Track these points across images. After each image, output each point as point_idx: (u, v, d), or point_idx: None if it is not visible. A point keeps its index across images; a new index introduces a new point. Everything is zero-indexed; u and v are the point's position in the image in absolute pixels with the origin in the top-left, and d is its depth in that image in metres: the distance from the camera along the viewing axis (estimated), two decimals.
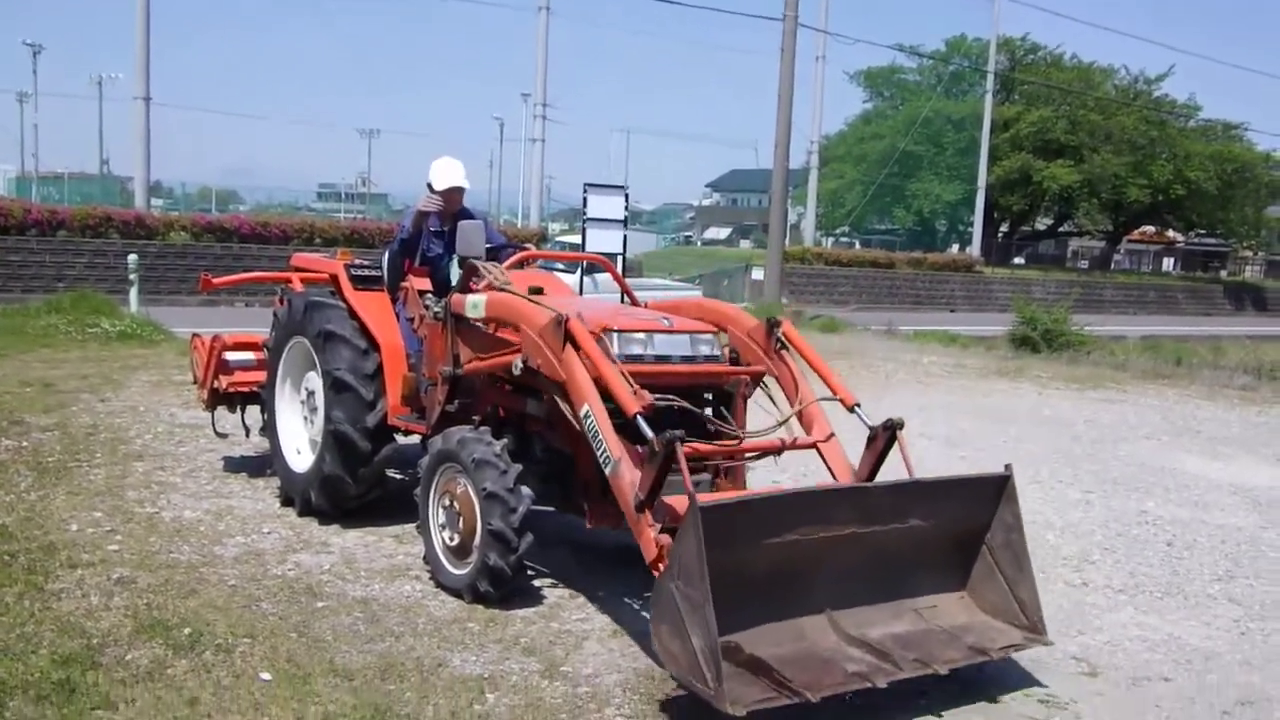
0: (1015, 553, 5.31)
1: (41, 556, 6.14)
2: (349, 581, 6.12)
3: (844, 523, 4.87)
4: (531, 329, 5.71)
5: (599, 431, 5.17)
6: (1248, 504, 9.37)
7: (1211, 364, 21.42)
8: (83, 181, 61.31)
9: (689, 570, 4.30)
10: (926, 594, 5.29)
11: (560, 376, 5.48)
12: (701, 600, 4.22)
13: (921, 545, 5.23)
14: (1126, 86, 58.89)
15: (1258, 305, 59.35)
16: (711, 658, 4.19)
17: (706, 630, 4.21)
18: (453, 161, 7.48)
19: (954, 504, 5.28)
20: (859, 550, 5.00)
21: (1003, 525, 5.36)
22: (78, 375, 12.37)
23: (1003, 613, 5.29)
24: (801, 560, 4.84)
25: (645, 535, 4.89)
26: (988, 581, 5.37)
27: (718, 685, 4.16)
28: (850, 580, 5.03)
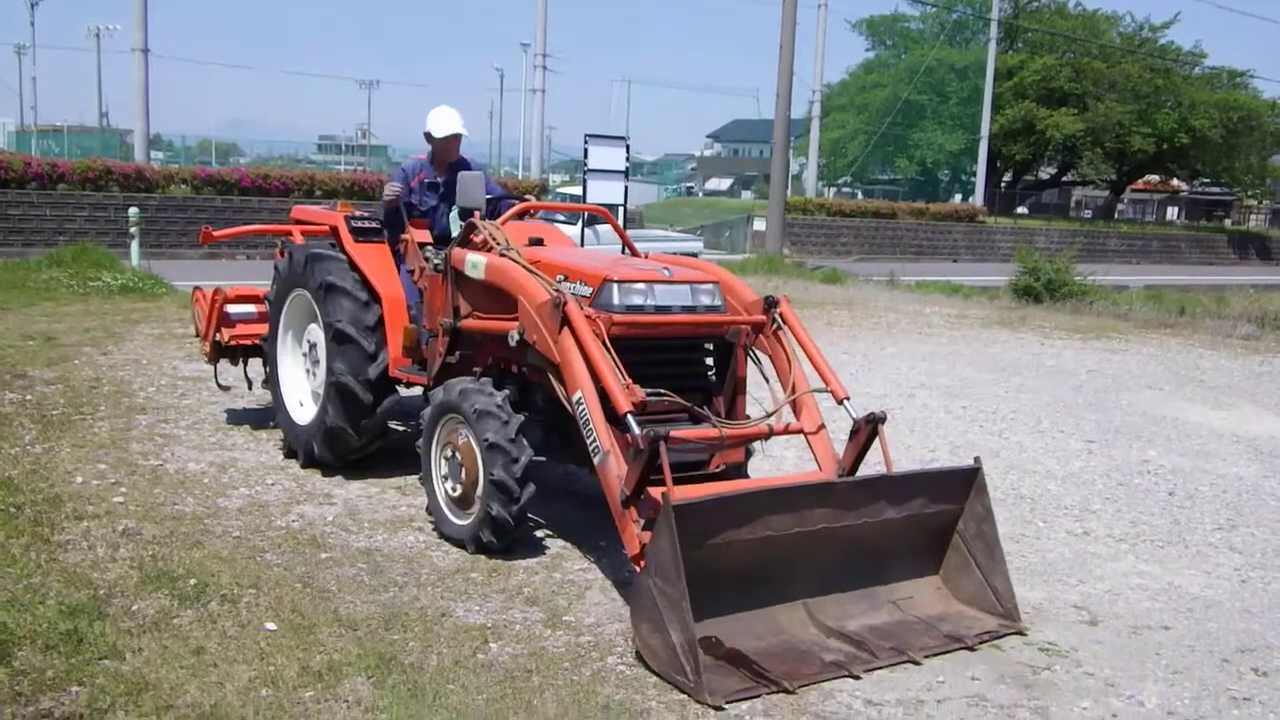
0: (988, 542, 5.36)
1: (47, 509, 6.17)
2: (352, 533, 6.15)
3: (817, 518, 4.94)
4: (529, 305, 5.68)
5: (590, 420, 5.19)
6: (1249, 453, 9.39)
7: (1215, 313, 21.39)
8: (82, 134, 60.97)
9: (665, 567, 4.38)
10: (902, 586, 5.36)
11: (555, 359, 5.48)
12: (678, 596, 4.32)
13: (895, 537, 5.29)
14: (1131, 34, 58.37)
15: (1262, 254, 59.13)
16: (690, 651, 4.30)
17: (684, 625, 4.31)
18: (449, 109, 7.45)
19: (925, 497, 5.32)
20: (834, 544, 5.06)
21: (974, 516, 5.40)
22: (80, 329, 12.38)
23: (978, 601, 5.35)
24: (777, 555, 4.91)
25: (629, 531, 4.94)
26: (962, 572, 5.43)
27: (697, 678, 4.27)
28: (826, 573, 5.10)
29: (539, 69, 34.69)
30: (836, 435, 5.95)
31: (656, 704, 4.31)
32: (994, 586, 5.32)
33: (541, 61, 34.56)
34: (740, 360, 6.16)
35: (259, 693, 4.19)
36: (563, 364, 5.42)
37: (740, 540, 4.71)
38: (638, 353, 5.90)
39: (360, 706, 4.13)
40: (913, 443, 9.01)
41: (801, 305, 17.71)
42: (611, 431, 5.17)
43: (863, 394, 10.93)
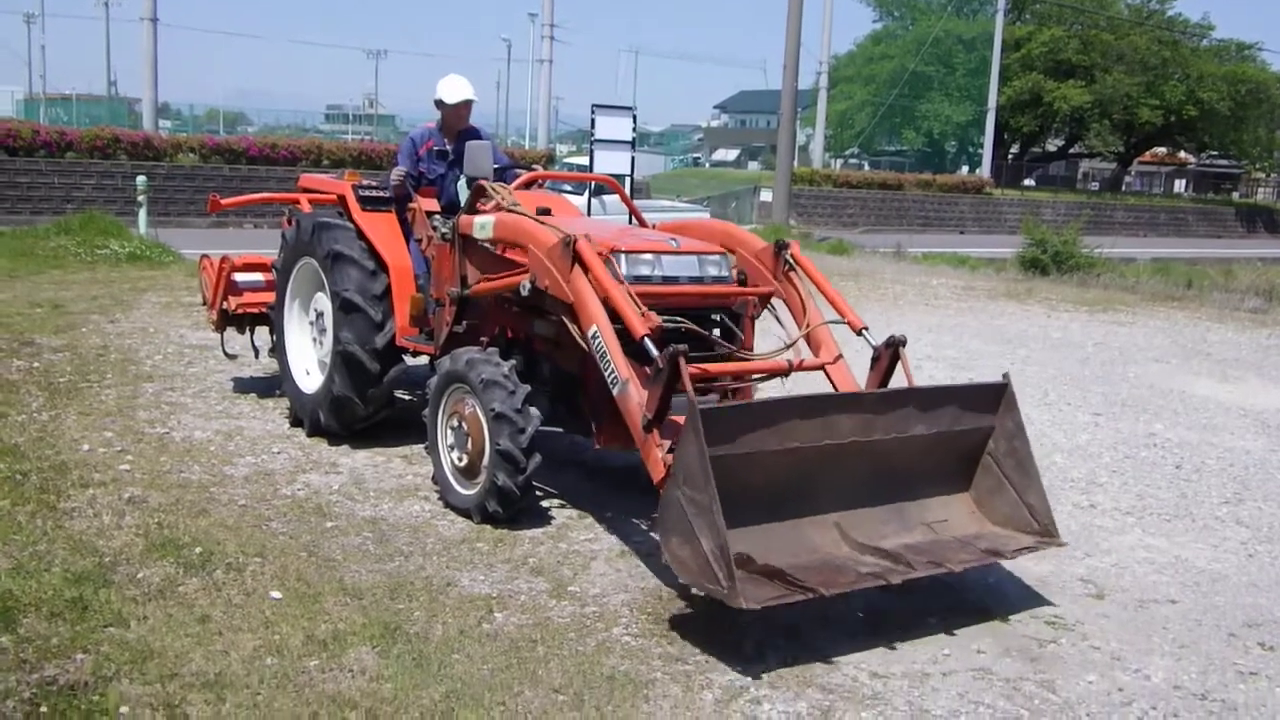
0: (1020, 459, 5.30)
1: (54, 476, 6.18)
2: (358, 501, 6.15)
3: (846, 430, 4.86)
4: (539, 249, 5.67)
5: (607, 352, 5.16)
6: (1257, 427, 9.36)
7: (1222, 286, 21.30)
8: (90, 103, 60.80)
9: (693, 474, 4.31)
10: (936, 509, 5.30)
11: (568, 297, 5.45)
12: (707, 502, 4.24)
13: (926, 457, 5.23)
14: (1139, 6, 57.93)
15: (1269, 227, 58.86)
16: (722, 557, 4.20)
17: (715, 531, 4.22)
18: (460, 77, 7.43)
19: (953, 413, 5.24)
20: (864, 460, 4.99)
21: (1005, 433, 5.34)
22: (87, 296, 12.37)
23: (1013, 521, 5.29)
24: (806, 469, 4.84)
25: (653, 455, 4.89)
26: (996, 492, 5.36)
27: (730, 584, 4.17)
28: (858, 491, 5.03)
29: (546, 39, 34.52)
30: (859, 370, 5.94)
31: (661, 675, 4.31)
32: (1029, 504, 5.26)
33: (549, 32, 34.38)
34: (748, 331, 6.14)
35: (264, 661, 4.20)
36: (576, 301, 5.39)
37: (768, 452, 4.64)
38: None
39: (365, 676, 4.14)
40: None
41: None
42: (630, 363, 5.14)
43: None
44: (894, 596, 5.24)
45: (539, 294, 5.72)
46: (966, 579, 5.51)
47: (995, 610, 5.15)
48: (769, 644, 4.64)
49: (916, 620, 4.98)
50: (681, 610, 4.95)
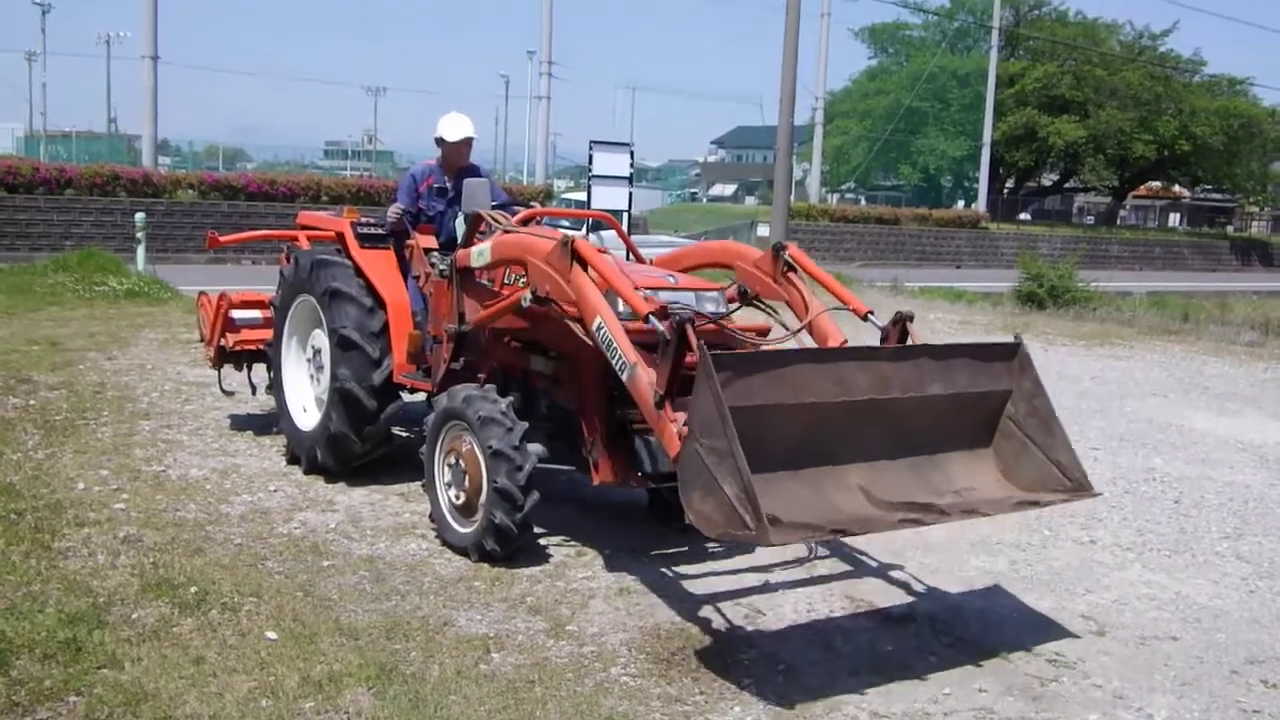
0: (1042, 418, 5.16)
1: (48, 515, 6.15)
2: (354, 540, 6.12)
3: (862, 387, 4.76)
4: (538, 257, 5.66)
5: (613, 340, 5.13)
6: (1255, 461, 9.35)
7: (1218, 320, 21.34)
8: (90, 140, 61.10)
9: (709, 422, 4.23)
10: (961, 477, 5.13)
11: (570, 296, 5.43)
12: (726, 447, 4.14)
13: (947, 421, 5.10)
14: (1131, 42, 58.39)
15: (1264, 260, 59.07)
16: (747, 498, 4.09)
17: (737, 474, 4.12)
18: (460, 115, 7.46)
19: (969, 372, 5.13)
20: (884, 422, 4.88)
21: (1023, 394, 5.21)
22: (85, 333, 12.36)
23: (1043, 483, 5.13)
24: (825, 429, 4.73)
25: (668, 431, 4.80)
26: (1021, 457, 5.20)
27: (758, 523, 4.06)
28: (880, 456, 4.92)
29: (545, 76, 34.76)
30: None
31: (660, 715, 4.28)
32: (1057, 461, 5.11)
33: (547, 69, 34.63)
34: None
35: (259, 703, 4.16)
36: (578, 297, 5.37)
37: (784, 407, 4.55)
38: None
39: (361, 717, 4.11)
40: None
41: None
42: (637, 350, 5.11)
43: None
44: (894, 633, 5.22)
45: (541, 302, 5.67)
46: (966, 614, 5.50)
47: (996, 648, 5.11)
48: (768, 683, 4.61)
49: (917, 658, 4.95)
50: (680, 649, 4.91)
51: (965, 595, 5.84)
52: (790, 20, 29.08)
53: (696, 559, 6.14)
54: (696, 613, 5.37)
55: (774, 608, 5.50)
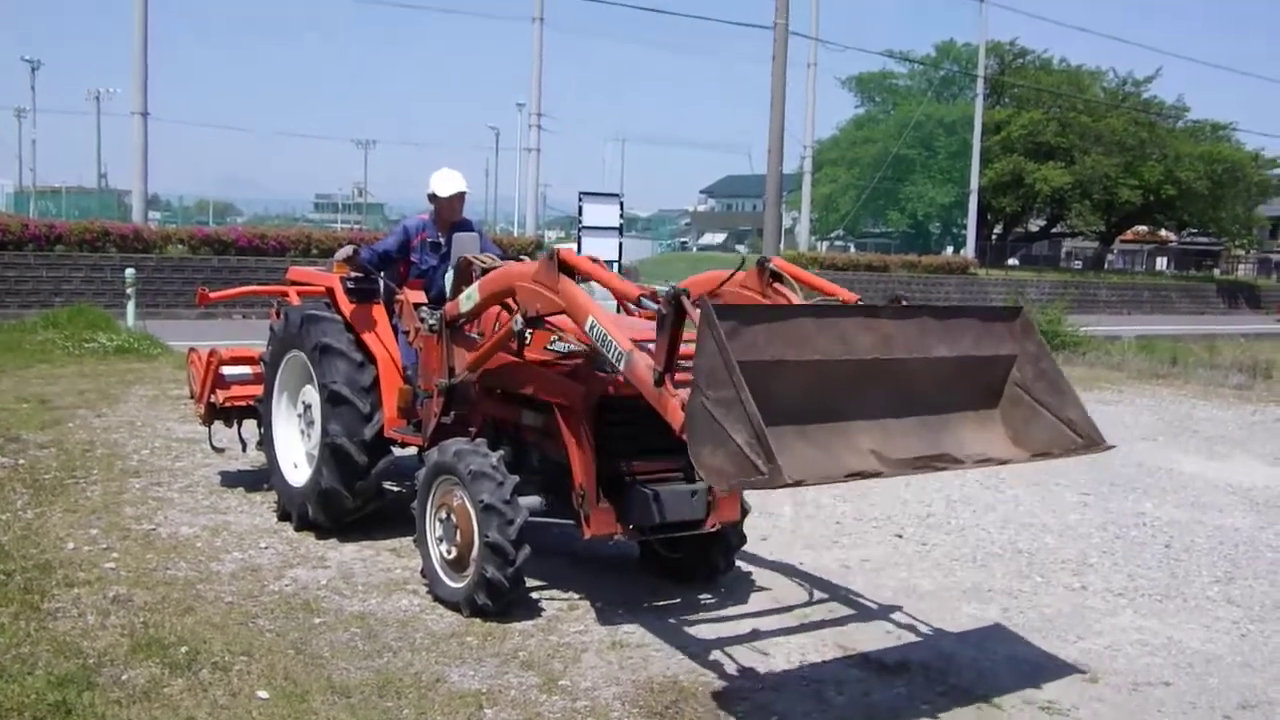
0: (1049, 379, 5.11)
1: (38, 575, 6.13)
2: (346, 596, 6.10)
3: (867, 347, 4.72)
4: (526, 279, 5.73)
5: (607, 334, 5.17)
6: (1245, 504, 9.37)
7: (1206, 363, 21.40)
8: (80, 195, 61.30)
9: (714, 373, 4.19)
10: (972, 444, 5.04)
11: (560, 306, 5.49)
12: (734, 395, 4.10)
13: (953, 385, 5.06)
14: (1115, 89, 59.00)
15: (1251, 303, 59.35)
16: (759, 442, 4.04)
17: (747, 420, 4.07)
18: (452, 170, 7.52)
19: (973, 336, 5.09)
20: (890, 383, 4.83)
21: (1029, 358, 5.17)
22: (74, 391, 12.35)
23: (1055, 444, 5.06)
24: (832, 388, 4.67)
25: (670, 405, 4.79)
26: (1031, 422, 5.12)
27: (771, 465, 4.00)
28: (888, 419, 4.85)
29: (534, 128, 34.97)
30: None
31: None
32: (1068, 419, 5.04)
33: (536, 121, 34.85)
34: None
35: None
36: (569, 302, 5.43)
37: (789, 363, 4.49)
38: (634, 411, 5.91)
39: None
40: (909, 497, 8.98)
41: None
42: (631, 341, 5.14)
43: None
44: (887, 682, 5.22)
45: (534, 323, 5.75)
46: (959, 662, 5.50)
47: (989, 696, 5.11)
48: None
49: (909, 707, 4.95)
50: (674, 703, 4.90)
51: (957, 643, 5.83)
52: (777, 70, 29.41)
53: (689, 610, 6.13)
54: (690, 665, 5.36)
55: (767, 657, 5.50)
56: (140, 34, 27.50)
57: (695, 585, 6.51)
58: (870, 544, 7.67)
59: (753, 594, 6.50)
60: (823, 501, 8.69)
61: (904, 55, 59.68)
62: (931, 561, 7.31)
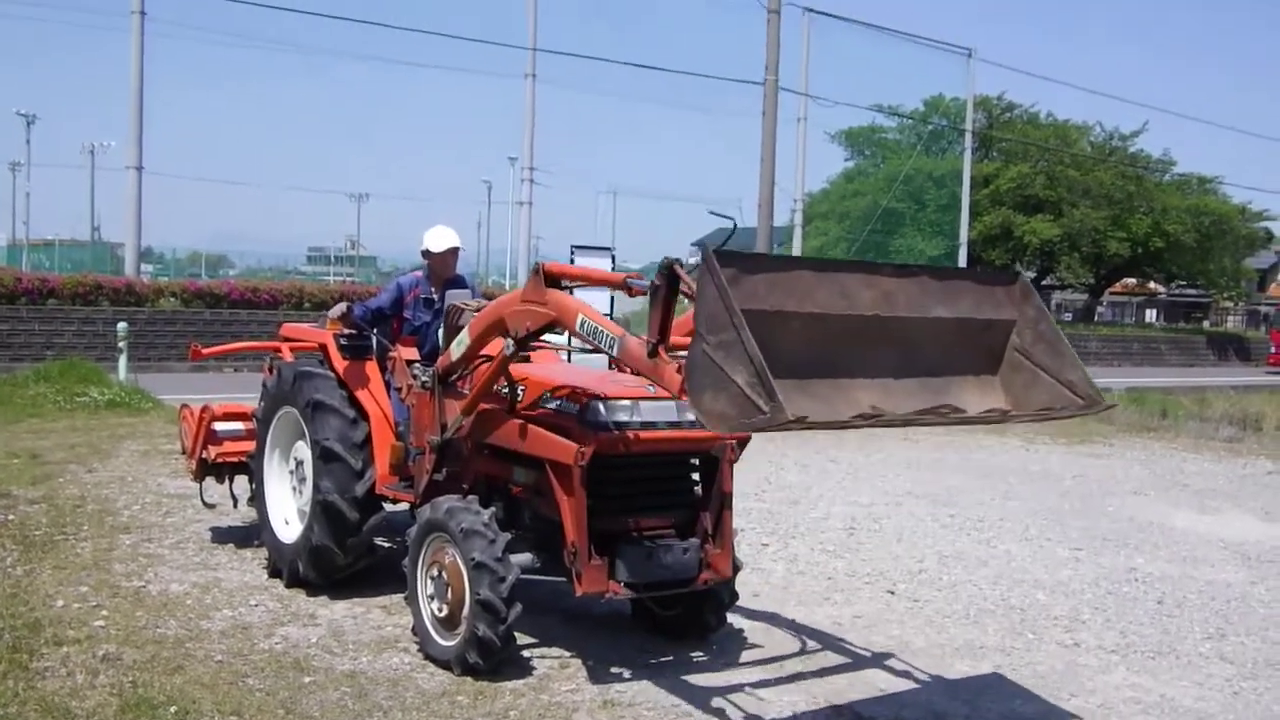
0: (1049, 342, 5.09)
1: (26, 634, 6.09)
2: (336, 655, 6.07)
3: (867, 302, 4.70)
4: (514, 303, 5.85)
5: (597, 326, 5.33)
6: (1237, 559, 9.38)
7: (1197, 416, 21.46)
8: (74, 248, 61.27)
9: (715, 318, 4.19)
10: (974, 404, 5.01)
11: (551, 315, 5.60)
12: (734, 337, 4.10)
13: (954, 345, 5.04)
14: (1102, 143, 59.54)
15: (1241, 355, 59.56)
16: (760, 381, 4.02)
17: (748, 360, 4.06)
18: (445, 227, 7.60)
19: (973, 298, 5.07)
20: (891, 342, 4.81)
21: (1028, 322, 5.15)
22: (65, 445, 12.32)
23: (1056, 403, 5.04)
24: (833, 344, 4.65)
25: (666, 373, 4.92)
26: (1031, 387, 5.10)
27: (774, 403, 3.98)
28: (889, 379, 4.82)
29: (526, 182, 35.17)
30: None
31: None
32: (1068, 381, 5.01)
33: (528, 175, 35.03)
34: (726, 475, 6.18)
35: None
36: (559, 309, 5.56)
37: (790, 314, 4.47)
38: (623, 469, 5.94)
39: None
40: (900, 552, 8.98)
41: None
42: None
43: (849, 502, 10.93)
44: None
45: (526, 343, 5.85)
46: None
47: None
48: None
49: None
50: None
51: (950, 700, 5.82)
52: (767, 126, 29.73)
53: (681, 668, 6.11)
54: None
55: (759, 715, 5.47)
56: (136, 89, 27.66)
57: (688, 642, 6.49)
58: (862, 600, 7.66)
59: (745, 651, 6.48)
60: (815, 558, 8.69)
61: (893, 110, 60.20)
62: (924, 618, 7.30)
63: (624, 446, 5.78)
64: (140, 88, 27.76)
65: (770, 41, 29.66)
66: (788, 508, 10.47)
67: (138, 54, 27.43)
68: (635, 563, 5.81)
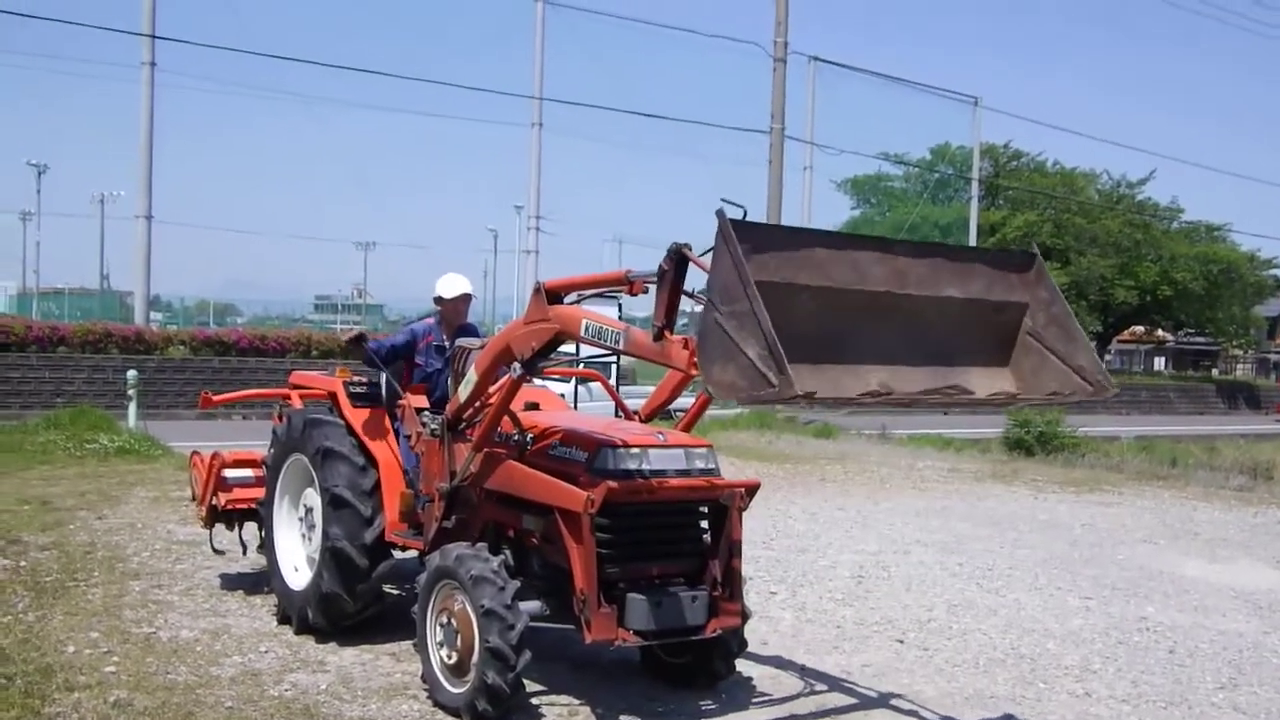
0: (1061, 325, 5.08)
1: (38, 679, 6.10)
2: (346, 702, 6.07)
3: (880, 279, 4.71)
4: (518, 329, 5.94)
5: (601, 326, 5.41)
6: (1248, 608, 9.34)
7: (1206, 464, 21.45)
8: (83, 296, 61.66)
9: (729, 288, 4.20)
10: (982, 388, 5.02)
11: (556, 327, 5.68)
12: (747, 307, 4.11)
13: (964, 326, 5.04)
14: (1109, 190, 59.82)
15: (1250, 403, 59.51)
16: (771, 355, 4.04)
17: (759, 333, 4.08)
18: (457, 275, 7.68)
19: (986, 279, 5.07)
20: (902, 321, 4.82)
21: (1041, 304, 5.13)
22: (76, 492, 12.36)
23: (1065, 387, 5.02)
24: (843, 320, 4.65)
25: (674, 352, 5.00)
26: (1040, 370, 5.09)
27: (783, 376, 4.00)
28: (899, 356, 4.83)
29: (532, 230, 35.39)
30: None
31: None
32: (1078, 366, 5.00)
33: (534, 224, 35.27)
34: (735, 523, 6.19)
35: None
36: (562, 319, 5.64)
37: (800, 287, 4.47)
38: (633, 517, 5.96)
39: None
40: (909, 601, 8.96)
41: (795, 460, 17.77)
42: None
43: (858, 550, 10.92)
44: None
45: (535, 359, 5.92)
46: None
47: None
48: None
49: None
50: None
51: None
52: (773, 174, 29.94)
53: (689, 716, 6.11)
54: None
55: None
56: (146, 138, 27.97)
57: (696, 690, 6.48)
58: (871, 649, 7.64)
59: (753, 699, 6.47)
60: (823, 606, 8.68)
61: (899, 158, 60.56)
62: (934, 667, 7.28)
63: (633, 494, 5.81)
64: (150, 137, 28.08)
65: (776, 90, 29.97)
66: (796, 556, 10.46)
67: (148, 104, 27.75)
68: (644, 610, 5.81)
